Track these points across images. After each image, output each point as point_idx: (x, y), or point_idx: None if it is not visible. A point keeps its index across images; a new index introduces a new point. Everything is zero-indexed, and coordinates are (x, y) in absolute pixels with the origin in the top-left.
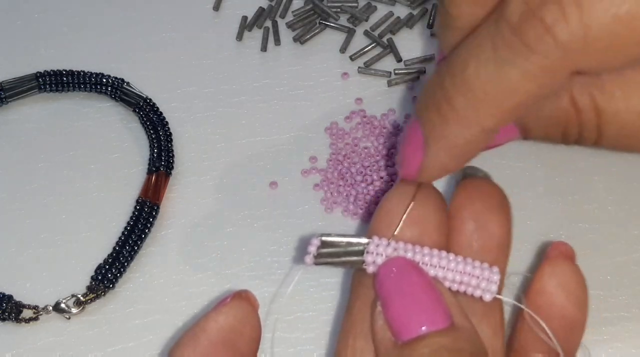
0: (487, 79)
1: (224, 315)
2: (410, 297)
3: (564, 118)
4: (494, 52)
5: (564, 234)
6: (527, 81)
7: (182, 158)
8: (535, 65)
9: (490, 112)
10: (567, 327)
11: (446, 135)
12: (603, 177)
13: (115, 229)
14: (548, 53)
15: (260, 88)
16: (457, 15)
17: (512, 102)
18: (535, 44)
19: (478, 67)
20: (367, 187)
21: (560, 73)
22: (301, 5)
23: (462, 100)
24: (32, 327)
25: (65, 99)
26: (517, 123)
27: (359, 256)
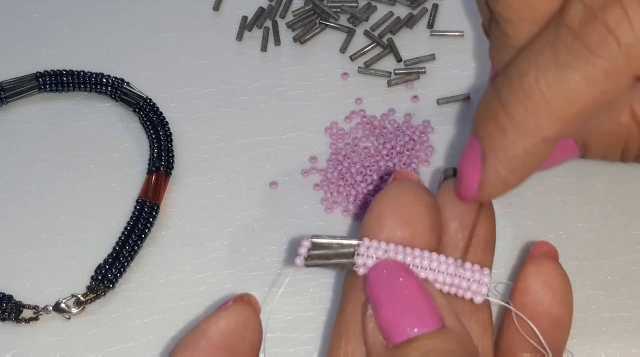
0: (547, 85)
1: (225, 319)
2: (400, 299)
3: (625, 133)
4: (555, 58)
5: (564, 234)
6: (590, 86)
7: (182, 158)
8: (598, 69)
9: (551, 120)
10: (554, 325)
11: (505, 146)
12: (603, 177)
13: (115, 229)
14: (611, 56)
15: (260, 88)
16: (513, 34)
17: (574, 109)
18: (598, 46)
19: (538, 74)
20: (367, 187)
21: (624, 77)
22: (301, 5)
23: (521, 108)
24: (32, 327)
25: (65, 99)
26: (578, 141)
27: (350, 258)
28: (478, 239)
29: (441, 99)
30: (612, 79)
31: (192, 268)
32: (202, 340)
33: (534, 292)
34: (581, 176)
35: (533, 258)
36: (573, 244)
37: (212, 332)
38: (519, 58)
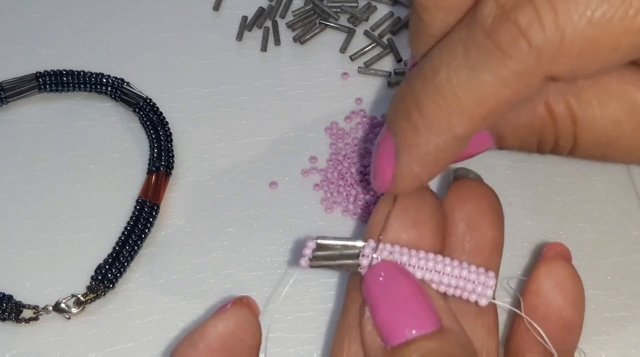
0: (458, 85)
1: (224, 321)
2: (398, 301)
3: (540, 126)
4: (467, 57)
5: (564, 234)
6: (501, 87)
7: (182, 158)
8: (509, 70)
9: (462, 119)
10: (565, 327)
11: (417, 143)
12: (603, 177)
13: (115, 229)
14: (522, 57)
15: (260, 88)
16: (429, 21)
17: (485, 109)
18: (509, 47)
19: (449, 72)
20: (367, 187)
21: (535, 78)
22: (301, 5)
23: (433, 106)
24: (32, 327)
25: (65, 99)
26: (492, 132)
27: (355, 259)
28: (485, 242)
29: None
30: (523, 80)
31: (192, 268)
32: (201, 343)
33: (545, 294)
34: (581, 176)
35: (545, 259)
36: (573, 244)
37: (210, 335)
38: (432, 54)
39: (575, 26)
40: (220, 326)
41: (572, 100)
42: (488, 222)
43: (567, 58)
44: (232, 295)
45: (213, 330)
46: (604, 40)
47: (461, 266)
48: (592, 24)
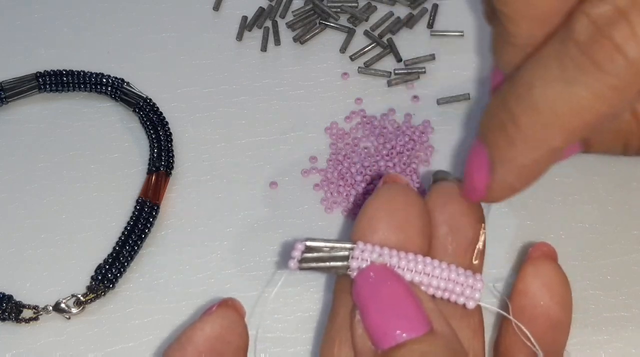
0: (555, 99)
1: (210, 324)
2: (388, 304)
3: (626, 131)
4: (562, 72)
5: (564, 234)
6: (597, 101)
7: (182, 158)
8: (605, 85)
9: (559, 132)
10: (552, 327)
11: (513, 157)
12: (603, 177)
13: (115, 229)
14: (618, 72)
15: (260, 88)
16: (515, 33)
17: (581, 122)
18: (605, 63)
19: (545, 88)
20: (367, 187)
21: (631, 91)
22: (301, 5)
23: (529, 121)
24: (32, 327)
25: (65, 99)
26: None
27: (344, 262)
28: (467, 243)
29: (441, 99)
30: (619, 93)
31: (192, 268)
32: (189, 346)
33: (532, 294)
34: (581, 176)
35: (532, 259)
36: (573, 244)
37: (198, 338)
38: (525, 68)
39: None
40: (207, 329)
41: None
42: (469, 223)
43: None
44: (232, 295)
45: (200, 333)
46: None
47: (449, 268)
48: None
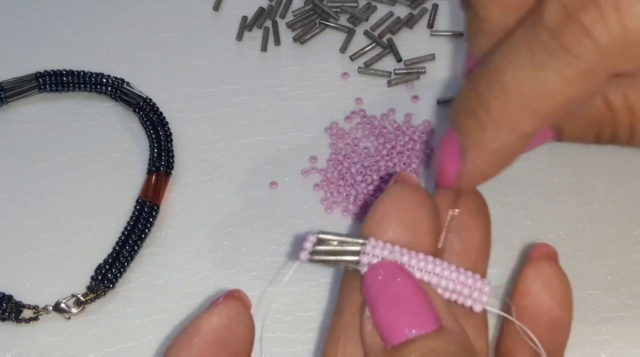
0: (524, 84)
1: (217, 315)
2: (398, 300)
3: (598, 118)
4: (532, 57)
5: (564, 234)
6: (566, 85)
7: (182, 158)
8: (574, 69)
9: (529, 117)
10: (554, 326)
11: (484, 141)
12: (603, 177)
13: (115, 229)
14: (587, 56)
15: (260, 88)
16: (487, 18)
17: (551, 106)
18: (574, 47)
19: (515, 72)
20: (367, 187)
21: (600, 76)
22: (301, 5)
23: (499, 105)
24: (32, 327)
25: (65, 99)
26: (551, 125)
27: (355, 256)
28: (473, 244)
29: (441, 99)
30: (588, 77)
31: (192, 268)
32: (196, 337)
33: (533, 294)
34: (581, 176)
35: (533, 260)
36: (573, 244)
37: (205, 329)
38: (496, 53)
39: (639, 24)
40: (214, 320)
41: (630, 92)
42: (475, 225)
43: (631, 56)
44: None
45: (207, 324)
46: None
47: (458, 270)
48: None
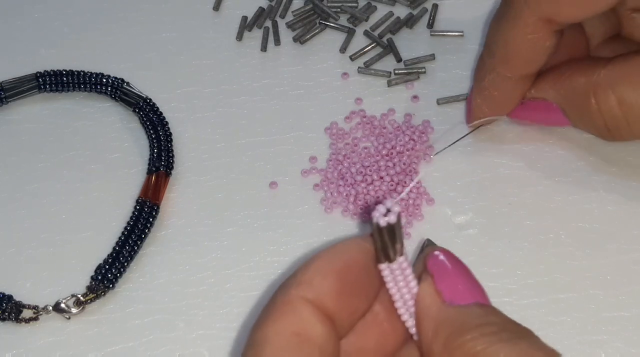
0: (492, 34)
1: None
2: (461, 274)
3: (608, 113)
4: (500, 13)
5: (563, 234)
6: (512, 28)
7: (182, 158)
8: (516, 12)
9: (498, 58)
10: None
11: (477, 79)
12: (603, 177)
13: (115, 229)
14: (532, 6)
15: (260, 88)
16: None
17: (511, 49)
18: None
19: (493, 28)
20: (367, 187)
21: (532, 17)
22: (301, 5)
23: (485, 53)
24: (32, 327)
25: (65, 99)
26: (558, 104)
27: (395, 256)
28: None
29: (441, 99)
30: (524, 19)
31: (192, 268)
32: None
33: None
34: (581, 176)
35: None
36: (573, 244)
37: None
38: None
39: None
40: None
41: (621, 88)
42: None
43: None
44: (232, 295)
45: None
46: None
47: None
48: None
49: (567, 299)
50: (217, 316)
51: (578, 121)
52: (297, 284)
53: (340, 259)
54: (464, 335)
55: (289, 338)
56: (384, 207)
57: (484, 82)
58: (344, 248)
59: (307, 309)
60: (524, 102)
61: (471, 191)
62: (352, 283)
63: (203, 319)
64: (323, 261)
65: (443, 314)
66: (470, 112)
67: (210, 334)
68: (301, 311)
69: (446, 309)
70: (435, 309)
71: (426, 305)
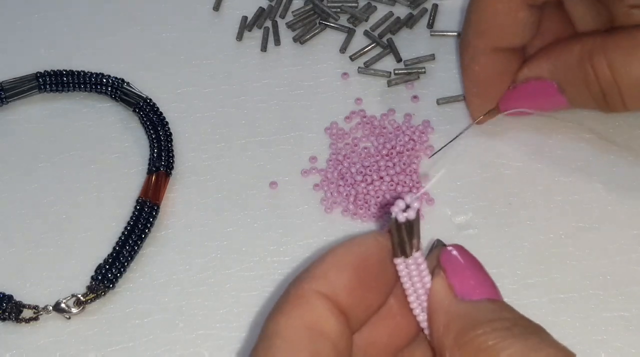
0: (469, 11)
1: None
2: (474, 269)
3: (604, 81)
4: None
5: (563, 234)
6: (493, 1)
7: (182, 158)
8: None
9: (472, 34)
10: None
11: (461, 60)
12: (603, 177)
13: (115, 229)
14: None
15: (260, 88)
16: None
17: (482, 27)
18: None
19: (477, 3)
20: (367, 187)
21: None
22: (301, 5)
23: (465, 31)
24: (32, 327)
25: (65, 99)
26: (556, 83)
27: (412, 251)
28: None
29: (441, 99)
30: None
31: (192, 268)
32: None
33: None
34: (581, 176)
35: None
36: (573, 244)
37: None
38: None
39: None
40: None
41: (615, 62)
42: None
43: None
44: (232, 295)
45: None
46: None
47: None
48: None
49: (567, 299)
50: (217, 316)
51: (575, 94)
52: (311, 277)
53: (356, 253)
54: (475, 329)
55: (302, 332)
56: (403, 203)
57: (465, 61)
58: (360, 242)
59: (321, 303)
60: (516, 86)
61: (471, 191)
62: (367, 278)
63: (203, 319)
64: (338, 255)
65: (455, 308)
66: (467, 101)
67: (210, 334)
68: (315, 305)
69: (458, 304)
70: (447, 304)
71: (438, 299)
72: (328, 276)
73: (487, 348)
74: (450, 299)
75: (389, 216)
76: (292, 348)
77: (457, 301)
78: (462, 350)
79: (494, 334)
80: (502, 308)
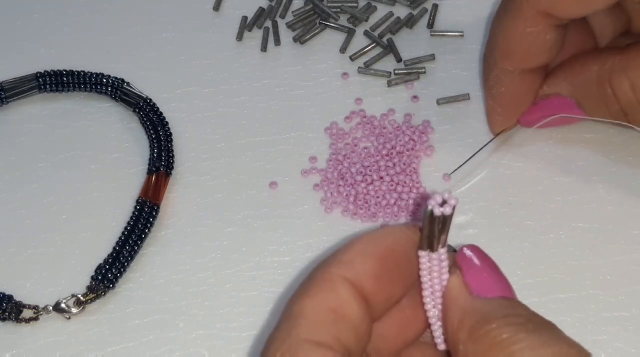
0: (493, 29)
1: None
2: (489, 268)
3: (611, 100)
4: (505, 10)
5: (563, 234)
6: (513, 22)
7: (182, 158)
8: (516, 6)
9: (499, 54)
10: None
11: (484, 79)
12: (603, 177)
13: (115, 229)
14: (531, 1)
15: (260, 88)
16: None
17: (510, 45)
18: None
19: (495, 24)
20: (367, 187)
21: (530, 11)
22: (301, 5)
23: (488, 50)
24: (32, 327)
25: (65, 99)
26: (574, 99)
27: (435, 247)
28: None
29: (441, 99)
30: (524, 14)
31: (192, 268)
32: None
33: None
34: (581, 176)
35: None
36: (573, 244)
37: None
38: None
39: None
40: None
41: (633, 74)
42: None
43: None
44: (232, 295)
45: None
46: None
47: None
48: None
49: (567, 299)
50: (217, 316)
51: (594, 110)
52: (337, 262)
53: (383, 243)
54: (489, 324)
55: (325, 313)
56: (440, 197)
57: (489, 81)
58: (387, 233)
59: (345, 287)
60: (537, 102)
61: (471, 191)
62: (391, 268)
63: (203, 319)
64: (366, 243)
65: (469, 304)
66: (488, 118)
67: (210, 334)
68: (339, 289)
69: (473, 301)
70: (462, 300)
71: (454, 296)
72: (354, 263)
73: (500, 342)
74: (465, 296)
75: (425, 208)
76: (315, 328)
77: (472, 298)
78: (475, 344)
79: (507, 329)
80: (516, 305)
